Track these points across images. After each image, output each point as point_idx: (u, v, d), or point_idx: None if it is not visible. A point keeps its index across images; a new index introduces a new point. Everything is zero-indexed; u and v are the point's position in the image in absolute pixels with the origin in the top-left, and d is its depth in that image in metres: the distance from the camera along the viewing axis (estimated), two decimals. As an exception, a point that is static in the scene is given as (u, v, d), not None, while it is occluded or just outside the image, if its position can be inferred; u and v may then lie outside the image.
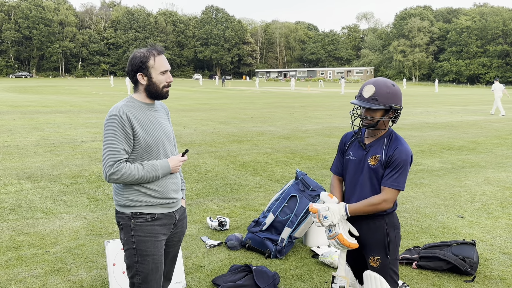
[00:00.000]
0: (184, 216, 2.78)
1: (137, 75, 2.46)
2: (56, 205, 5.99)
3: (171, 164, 2.53)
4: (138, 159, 2.45)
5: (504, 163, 9.11)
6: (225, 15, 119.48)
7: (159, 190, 2.51)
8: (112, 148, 2.36)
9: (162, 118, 2.60)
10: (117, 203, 2.53)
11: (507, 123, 16.88)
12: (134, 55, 2.47)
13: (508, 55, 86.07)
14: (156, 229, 2.52)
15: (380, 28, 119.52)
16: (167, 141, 2.58)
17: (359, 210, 2.59)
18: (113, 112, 2.40)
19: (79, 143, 10.94)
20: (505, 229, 5.23)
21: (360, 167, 2.66)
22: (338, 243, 2.62)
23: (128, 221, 2.49)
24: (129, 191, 2.47)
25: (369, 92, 2.55)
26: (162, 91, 2.50)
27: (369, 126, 2.58)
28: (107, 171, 2.36)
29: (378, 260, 2.64)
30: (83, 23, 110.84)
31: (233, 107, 23.79)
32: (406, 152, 2.53)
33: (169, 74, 2.53)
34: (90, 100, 27.23)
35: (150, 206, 2.50)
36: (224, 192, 6.75)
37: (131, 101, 2.49)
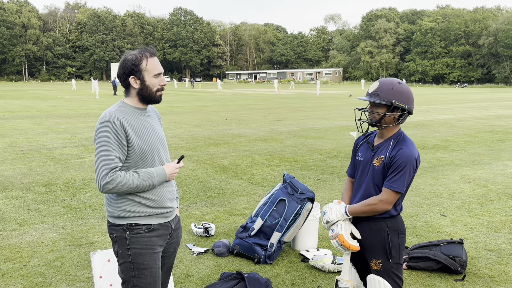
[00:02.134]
0: (179, 225, 2.66)
1: (129, 79, 2.34)
2: (30, 215, 5.72)
3: (167, 171, 2.41)
4: (132, 167, 2.33)
5: (477, 160, 9.33)
6: (194, 17, 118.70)
7: (155, 199, 2.39)
8: (105, 156, 2.23)
9: (155, 123, 2.49)
10: (110, 214, 2.39)
11: (475, 122, 17.36)
12: (126, 58, 2.35)
13: (470, 55, 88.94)
14: (152, 240, 2.40)
15: (347, 30, 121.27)
16: (161, 148, 2.47)
17: (357, 210, 2.59)
18: (105, 118, 2.27)
19: (50, 149, 10.56)
20: (486, 226, 5.32)
21: (366, 168, 2.66)
22: (339, 243, 2.62)
23: (123, 233, 2.36)
24: (124, 201, 2.34)
25: (373, 88, 2.60)
26: (155, 95, 2.39)
27: (372, 122, 2.59)
28: (101, 181, 2.22)
29: (379, 264, 2.61)
30: (46, 26, 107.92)
31: (206, 109, 23.59)
32: (409, 154, 2.49)
33: (162, 77, 2.42)
34: (57, 105, 26.46)
35: (146, 216, 2.38)
36: (206, 197, 6.62)
37: (123, 106, 2.37)
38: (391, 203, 2.52)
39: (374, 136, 2.72)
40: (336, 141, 12.10)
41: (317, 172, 8.26)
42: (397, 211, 2.63)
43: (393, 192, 2.50)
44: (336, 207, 2.69)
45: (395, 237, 2.61)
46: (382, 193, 2.52)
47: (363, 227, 2.66)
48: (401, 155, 2.49)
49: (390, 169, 2.53)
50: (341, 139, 12.48)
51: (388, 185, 2.50)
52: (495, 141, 12.08)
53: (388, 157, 2.54)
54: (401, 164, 2.48)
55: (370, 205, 2.55)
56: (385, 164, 2.55)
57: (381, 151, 2.59)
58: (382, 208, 2.52)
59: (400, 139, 2.58)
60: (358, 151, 2.77)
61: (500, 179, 7.62)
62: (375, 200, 2.53)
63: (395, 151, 2.52)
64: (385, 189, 2.51)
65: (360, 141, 2.81)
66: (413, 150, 2.52)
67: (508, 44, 77.88)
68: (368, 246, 2.65)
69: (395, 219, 2.63)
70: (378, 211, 2.54)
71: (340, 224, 2.64)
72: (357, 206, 2.60)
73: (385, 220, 2.60)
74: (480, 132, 14.00)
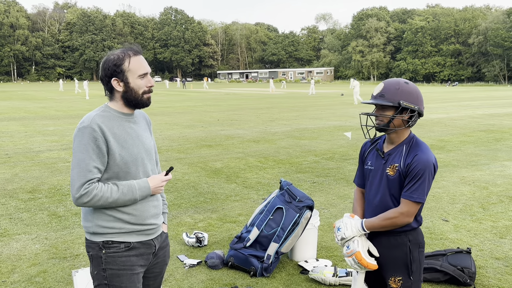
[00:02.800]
0: (166, 243, 2.40)
1: (112, 81, 2.12)
2: (12, 224, 5.41)
3: (151, 185, 2.17)
4: (113, 178, 2.10)
5: (475, 161, 9.15)
6: (184, 16, 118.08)
7: (135, 214, 2.16)
8: (82, 166, 2.01)
9: (142, 131, 2.26)
10: (86, 230, 2.16)
11: (469, 121, 17.26)
12: (107, 58, 2.13)
13: (460, 54, 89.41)
14: (131, 260, 2.15)
15: (338, 29, 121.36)
16: (147, 158, 2.23)
17: (376, 225, 2.37)
18: (85, 123, 2.05)
19: (36, 153, 10.21)
20: (491, 232, 5.11)
21: (378, 178, 2.43)
22: (356, 261, 2.37)
23: (99, 251, 2.12)
24: (100, 216, 2.11)
25: (378, 89, 2.40)
26: (142, 98, 2.16)
27: (380, 126, 2.38)
28: (75, 193, 2.00)
29: (399, 282, 2.38)
30: (35, 26, 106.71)
31: (198, 109, 23.28)
32: (426, 160, 2.27)
33: (149, 77, 2.18)
34: (46, 106, 25.98)
35: (124, 233, 2.14)
36: (198, 202, 6.35)
37: (106, 111, 2.14)
38: (413, 214, 2.31)
39: (382, 141, 2.50)
40: (331, 141, 11.88)
41: (313, 174, 8.02)
42: (418, 222, 2.41)
43: (414, 203, 2.29)
44: (352, 222, 2.46)
45: (416, 251, 2.40)
46: (402, 205, 2.31)
47: (382, 241, 2.42)
48: (418, 161, 2.27)
49: (407, 178, 2.31)
50: (335, 139, 12.26)
51: (408, 195, 2.29)
52: (490, 141, 11.94)
53: (403, 164, 2.32)
54: (419, 171, 2.27)
55: (390, 218, 2.33)
56: (400, 173, 2.33)
57: (394, 159, 2.37)
58: (403, 221, 2.31)
59: (413, 143, 2.36)
60: (366, 159, 2.55)
61: (500, 181, 7.43)
62: (395, 213, 2.31)
63: (411, 158, 2.30)
64: (405, 201, 2.30)
65: (368, 147, 2.59)
66: (430, 155, 2.30)
67: (498, 42, 78.37)
68: (386, 262, 2.41)
69: (416, 232, 2.41)
70: (398, 224, 2.33)
71: (357, 241, 2.40)
72: (375, 221, 2.38)
73: (406, 233, 2.39)
74: (475, 132, 13.86)
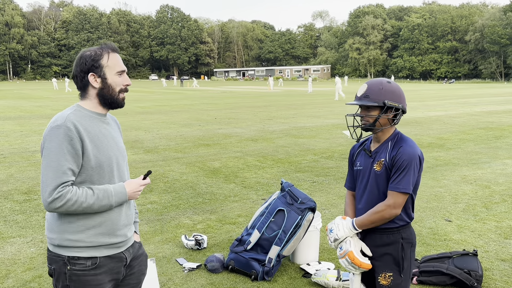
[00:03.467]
0: (140, 252, 2.28)
1: (88, 76, 2.02)
2: (7, 227, 5.30)
3: (128, 190, 2.05)
4: (87, 182, 1.98)
5: (476, 159, 9.07)
6: (181, 14, 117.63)
7: (106, 224, 2.02)
8: (55, 167, 1.88)
9: (114, 133, 2.16)
10: (50, 241, 2.03)
11: (467, 118, 17.19)
12: (83, 54, 2.04)
13: (457, 51, 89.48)
14: (98, 279, 2.02)
15: (335, 27, 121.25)
16: (121, 160, 2.13)
17: (365, 221, 2.38)
18: (58, 122, 1.92)
19: (32, 153, 10.07)
20: (495, 232, 5.02)
21: (367, 176, 2.45)
22: (349, 261, 2.38)
23: (63, 266, 1.98)
24: (68, 227, 1.97)
25: (362, 91, 2.43)
26: (118, 96, 2.07)
27: (366, 126, 2.41)
28: (47, 197, 1.87)
29: (389, 278, 2.38)
30: (31, 24, 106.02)
31: (195, 108, 23.15)
32: (411, 152, 2.31)
33: (126, 76, 2.11)
34: (42, 105, 25.79)
35: (92, 247, 2.00)
36: (197, 203, 6.24)
37: (79, 110, 2.03)
38: (400, 206, 2.31)
39: (369, 142, 2.53)
40: (330, 140, 11.79)
41: (312, 174, 7.92)
42: (410, 217, 2.42)
43: (400, 193, 2.30)
44: (343, 223, 2.48)
45: (408, 249, 2.41)
46: (388, 197, 2.32)
47: (375, 239, 2.43)
48: (402, 153, 2.32)
49: (392, 170, 2.32)
50: (334, 138, 12.17)
51: (393, 187, 2.31)
52: (490, 138, 11.87)
53: (388, 158, 2.35)
54: (403, 162, 2.30)
55: (377, 212, 2.34)
56: (387, 167, 2.35)
57: (380, 155, 2.41)
58: (391, 213, 2.32)
59: (398, 138, 2.42)
60: (355, 161, 2.58)
61: (502, 180, 7.35)
62: (383, 207, 2.33)
63: (395, 151, 2.35)
64: (391, 192, 2.31)
65: (356, 149, 2.62)
66: (415, 147, 2.35)
67: (494, 39, 78.44)
68: (379, 258, 2.41)
69: (409, 230, 2.43)
70: (386, 217, 2.33)
71: (349, 241, 2.42)
72: (364, 217, 2.39)
73: (399, 231, 2.39)
74: (474, 129, 13.79)
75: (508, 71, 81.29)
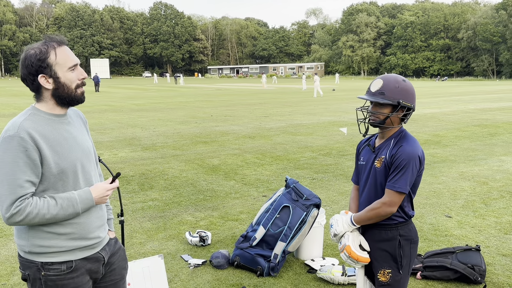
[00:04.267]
0: (117, 248, 2.19)
1: (39, 79, 1.85)
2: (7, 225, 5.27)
3: (94, 195, 1.94)
4: (50, 189, 1.86)
5: (472, 156, 9.16)
6: (174, 11, 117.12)
7: (77, 229, 1.93)
8: (10, 181, 1.76)
9: (78, 132, 2.01)
10: (21, 248, 1.92)
11: (462, 115, 17.32)
12: (27, 54, 1.85)
13: (450, 49, 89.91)
14: (75, 281, 1.94)
15: (329, 24, 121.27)
16: (87, 162, 2.00)
17: (363, 217, 2.44)
18: (10, 131, 1.78)
19: (29, 151, 10.01)
20: (495, 227, 5.09)
21: (367, 171, 2.49)
22: (347, 255, 2.43)
23: (37, 272, 1.89)
24: (36, 234, 1.87)
25: (377, 86, 2.39)
26: (76, 93, 1.91)
27: (376, 123, 2.42)
28: (4, 213, 1.75)
29: (388, 274, 2.43)
30: (23, 21, 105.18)
31: (190, 105, 23.11)
32: (410, 152, 2.32)
33: (80, 68, 1.94)
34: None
35: (65, 252, 1.91)
36: (198, 200, 6.26)
37: (35, 114, 1.88)
38: (395, 204, 2.34)
39: (375, 137, 2.56)
40: (327, 137, 11.83)
41: (311, 171, 7.96)
42: (408, 215, 2.44)
43: (396, 192, 2.32)
44: (343, 218, 2.54)
45: (408, 246, 2.44)
46: (385, 195, 2.36)
47: (374, 235, 2.47)
48: (402, 152, 2.33)
49: (391, 169, 2.35)
50: (331, 135, 12.22)
51: (390, 185, 2.34)
52: (485, 136, 11.98)
53: (388, 156, 2.37)
54: (402, 162, 2.32)
55: (373, 209, 2.38)
56: (386, 164, 2.38)
57: (382, 152, 2.43)
58: (387, 211, 2.35)
59: (401, 136, 2.42)
60: (360, 156, 2.61)
61: (499, 176, 7.44)
62: (378, 204, 2.37)
63: (396, 149, 2.35)
64: (388, 191, 2.35)
65: (362, 144, 2.65)
66: (415, 147, 2.35)
67: (486, 37, 78.93)
68: (378, 255, 2.45)
69: (408, 226, 2.45)
70: (382, 215, 2.36)
71: (348, 235, 2.48)
72: (362, 213, 2.44)
73: (398, 228, 2.43)
74: (469, 126, 13.91)
75: (500, 68, 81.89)
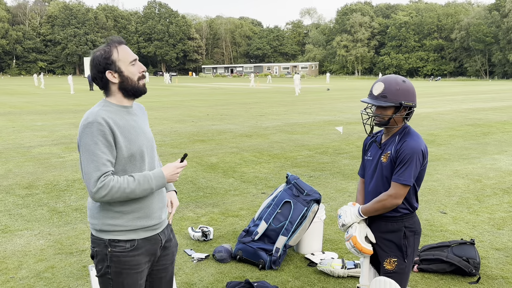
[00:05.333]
0: (172, 235, 2.42)
1: (106, 74, 2.11)
2: (13, 220, 5.36)
3: (166, 173, 2.16)
4: (120, 172, 2.09)
5: (466, 155, 9.34)
6: (168, 10, 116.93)
7: (142, 209, 2.14)
8: (95, 160, 1.99)
9: (142, 123, 2.26)
10: (93, 227, 2.16)
11: (455, 115, 17.54)
12: (94, 56, 2.13)
13: (443, 49, 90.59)
14: (136, 259, 2.16)
15: (323, 24, 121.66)
16: (150, 149, 2.23)
17: (370, 209, 2.57)
18: (90, 119, 2.03)
19: (28, 148, 10.08)
20: (488, 223, 5.25)
21: (374, 166, 2.63)
22: (352, 245, 2.57)
23: (104, 248, 2.13)
24: (106, 213, 2.11)
25: (378, 90, 2.51)
26: (138, 84, 2.16)
27: (380, 124, 2.56)
28: (92, 188, 1.98)
29: (394, 263, 2.57)
30: (16, 19, 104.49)
31: (186, 104, 23.18)
32: (414, 146, 2.46)
33: (139, 63, 2.19)
34: (30, 101, 25.57)
35: (130, 231, 2.13)
36: (198, 197, 6.37)
37: (107, 105, 2.13)
38: (401, 197, 2.48)
39: (381, 134, 2.70)
40: (323, 136, 11.98)
41: (309, 169, 8.09)
42: (413, 207, 2.58)
43: (401, 185, 2.45)
44: (351, 209, 2.66)
45: (412, 237, 2.58)
46: (391, 188, 2.48)
47: (380, 226, 2.61)
48: (406, 147, 2.47)
49: (396, 163, 2.49)
50: (327, 134, 12.36)
51: (396, 178, 2.47)
52: (478, 135, 12.17)
53: (394, 151, 2.51)
54: (406, 156, 2.46)
55: (380, 201, 2.51)
56: (391, 159, 2.52)
57: (388, 147, 2.57)
58: (392, 203, 2.48)
59: (405, 132, 2.57)
60: (367, 151, 2.74)
61: (492, 174, 7.61)
62: (385, 196, 2.49)
63: (400, 145, 2.50)
64: (393, 183, 2.48)
65: (369, 141, 2.77)
66: (419, 142, 2.49)
67: (479, 38, 79.61)
68: (384, 245, 2.59)
69: (413, 219, 2.59)
70: (388, 206, 2.50)
71: (355, 226, 2.61)
72: (369, 205, 2.57)
73: (403, 220, 2.56)
74: (463, 126, 14.11)
75: (493, 69, 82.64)
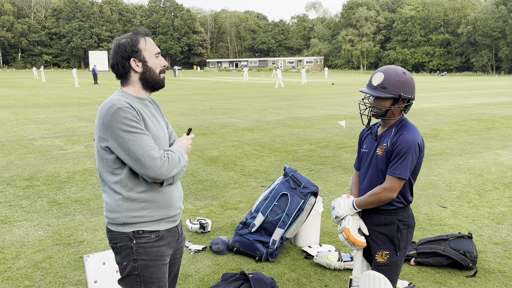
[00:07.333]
0: (183, 230, 2.41)
1: (130, 62, 2.07)
2: (13, 211, 5.39)
3: (182, 145, 2.17)
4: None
5: (468, 149, 9.28)
6: (173, 3, 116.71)
7: (164, 199, 2.12)
8: (145, 140, 1.96)
9: (158, 115, 2.24)
10: (113, 221, 2.09)
11: (460, 110, 17.43)
12: (119, 43, 2.08)
13: (450, 43, 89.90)
14: (162, 250, 2.15)
15: (328, 18, 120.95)
16: (166, 142, 2.21)
17: (364, 202, 2.54)
18: (117, 105, 1.97)
19: (30, 141, 10.11)
20: (488, 218, 5.22)
21: (369, 158, 2.59)
22: (345, 237, 2.56)
23: (129, 242, 2.08)
24: (129, 205, 2.05)
25: (378, 80, 2.47)
26: (159, 77, 2.14)
27: (378, 115, 2.52)
28: (160, 166, 1.95)
29: (386, 256, 2.55)
30: (21, 12, 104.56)
31: (189, 98, 23.17)
32: (410, 139, 2.41)
33: (162, 58, 2.17)
34: (35, 94, 25.65)
35: (155, 221, 2.11)
36: (198, 190, 6.37)
37: (125, 95, 2.09)
38: (396, 190, 2.45)
39: (378, 126, 2.67)
40: (325, 130, 11.94)
41: (310, 162, 8.08)
42: (407, 201, 2.56)
43: (396, 178, 2.42)
44: (345, 202, 2.64)
45: (405, 230, 2.56)
46: (386, 181, 2.45)
47: (373, 219, 2.59)
48: (402, 140, 2.43)
49: (392, 156, 2.45)
50: (329, 128, 12.32)
51: (391, 172, 2.43)
52: (482, 130, 12.10)
53: (389, 144, 2.47)
54: (402, 149, 2.42)
55: (374, 194, 2.48)
56: (387, 152, 2.48)
57: (384, 140, 2.53)
58: (387, 196, 2.45)
59: (402, 125, 2.52)
60: (363, 143, 2.72)
61: (494, 169, 7.56)
62: (379, 189, 2.46)
63: (396, 137, 2.45)
64: (388, 177, 2.44)
65: (365, 133, 2.75)
66: (416, 135, 2.45)
67: (486, 33, 78.91)
68: (377, 238, 2.58)
69: (406, 213, 2.57)
70: (383, 200, 2.47)
71: (348, 219, 2.59)
72: (363, 198, 2.54)
73: (396, 213, 2.54)
74: (467, 121, 14.03)
75: (499, 64, 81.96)
